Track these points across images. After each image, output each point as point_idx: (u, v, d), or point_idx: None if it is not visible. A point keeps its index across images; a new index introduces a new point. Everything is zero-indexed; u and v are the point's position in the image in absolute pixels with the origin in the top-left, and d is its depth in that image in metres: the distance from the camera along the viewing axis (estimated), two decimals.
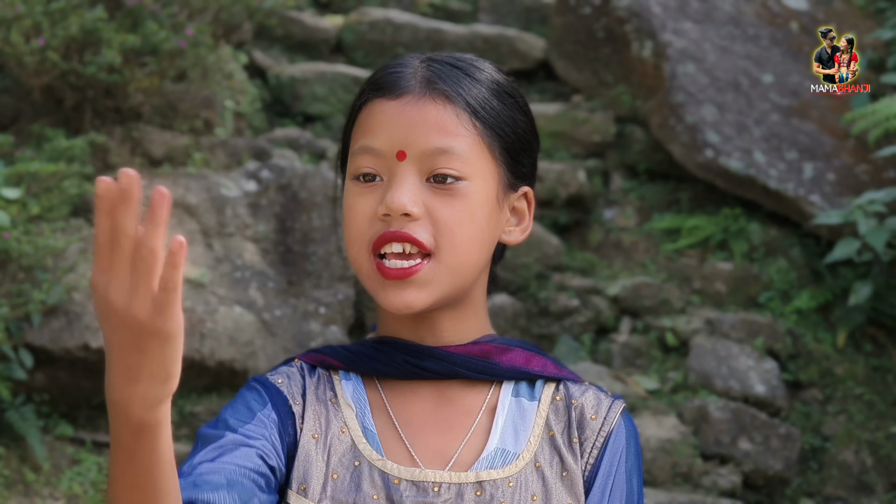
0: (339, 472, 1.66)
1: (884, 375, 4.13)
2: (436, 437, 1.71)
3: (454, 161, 1.67)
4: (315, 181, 4.09)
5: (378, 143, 1.68)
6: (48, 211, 3.65)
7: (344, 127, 1.79)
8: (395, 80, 1.71)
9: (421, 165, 1.66)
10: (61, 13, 3.80)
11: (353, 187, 1.71)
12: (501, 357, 1.77)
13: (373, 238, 1.67)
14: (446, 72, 1.72)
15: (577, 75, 5.02)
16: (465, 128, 1.68)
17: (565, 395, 1.75)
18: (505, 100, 1.75)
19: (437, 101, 1.68)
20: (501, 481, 1.66)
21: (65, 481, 3.47)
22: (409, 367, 1.74)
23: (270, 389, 1.71)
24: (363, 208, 1.69)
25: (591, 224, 4.70)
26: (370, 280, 1.69)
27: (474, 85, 1.72)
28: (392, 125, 1.68)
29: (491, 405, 1.74)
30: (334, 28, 5.33)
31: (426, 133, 1.66)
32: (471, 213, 1.68)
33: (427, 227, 1.66)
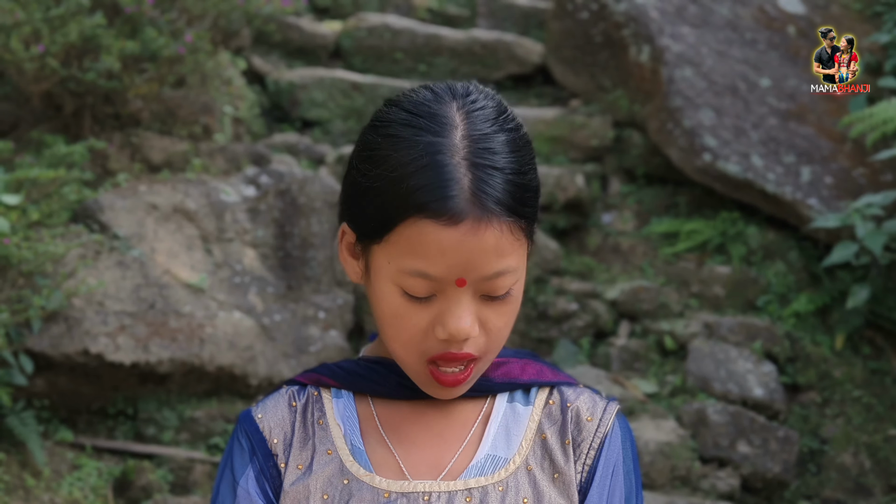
0: (329, 493, 1.68)
1: (882, 378, 4.14)
2: (430, 450, 1.72)
3: (510, 278, 1.66)
4: (314, 186, 4.10)
5: (436, 272, 1.62)
6: (48, 217, 3.66)
7: (365, 206, 1.68)
8: (446, 205, 1.60)
9: (477, 287, 1.65)
10: (60, 20, 3.81)
11: (398, 295, 1.67)
12: (496, 372, 1.79)
13: (429, 352, 1.67)
14: (488, 179, 1.62)
15: (575, 80, 5.03)
16: (517, 239, 1.65)
17: (559, 399, 1.77)
18: (531, 175, 1.69)
19: (493, 224, 1.61)
20: (491, 487, 1.68)
21: (65, 486, 3.47)
22: (405, 391, 1.76)
23: (253, 437, 1.76)
24: (416, 321, 1.66)
25: (590, 228, 4.71)
26: (418, 377, 1.71)
27: (512, 179, 1.65)
28: (451, 255, 1.61)
29: (486, 414, 1.76)
30: (333, 33, 5.33)
31: (486, 260, 1.62)
32: (515, 307, 1.70)
33: (479, 339, 1.68)
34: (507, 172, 1.64)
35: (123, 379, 3.72)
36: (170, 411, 3.78)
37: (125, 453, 3.70)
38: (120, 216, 3.82)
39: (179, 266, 3.83)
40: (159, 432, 3.75)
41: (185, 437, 3.75)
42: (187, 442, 3.75)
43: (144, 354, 3.65)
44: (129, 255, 3.75)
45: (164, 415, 3.77)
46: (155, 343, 3.67)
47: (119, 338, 3.63)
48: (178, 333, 3.71)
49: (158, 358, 3.66)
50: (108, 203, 3.83)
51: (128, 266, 3.74)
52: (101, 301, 3.65)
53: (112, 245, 3.76)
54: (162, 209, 3.89)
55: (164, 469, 3.66)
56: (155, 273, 3.76)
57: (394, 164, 1.63)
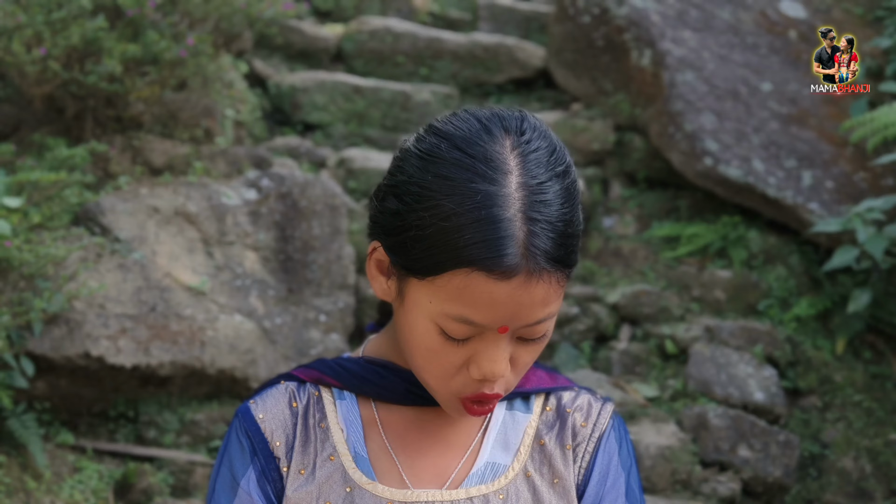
0: (332, 500, 1.68)
1: (882, 382, 4.14)
2: (434, 458, 1.73)
3: (549, 323, 1.66)
4: (315, 189, 4.10)
5: (482, 320, 1.61)
6: (49, 220, 3.66)
7: (406, 233, 1.63)
8: (503, 263, 1.58)
9: (517, 332, 1.64)
10: (62, 23, 3.82)
11: (436, 335, 1.65)
12: None
13: (464, 390, 1.67)
14: (540, 232, 1.60)
15: (577, 84, 5.04)
16: (561, 287, 1.65)
17: (556, 404, 1.78)
18: (577, 224, 1.67)
19: (543, 277, 1.60)
20: (492, 495, 1.68)
21: (66, 489, 3.47)
22: (414, 397, 1.75)
23: (254, 437, 1.74)
24: (451, 359, 1.66)
25: (591, 232, 4.71)
26: (447, 405, 1.70)
27: (563, 230, 1.62)
28: (500, 307, 1.60)
29: (488, 421, 1.76)
30: (334, 37, 5.34)
31: (532, 311, 1.62)
32: (545, 343, 1.70)
33: (510, 376, 1.68)
34: (559, 225, 1.62)
35: (124, 382, 3.72)
36: (170, 414, 3.78)
37: (126, 456, 3.70)
38: (121, 219, 3.82)
39: (180, 269, 3.83)
40: (160, 435, 3.75)
41: (186, 439, 3.75)
42: (188, 445, 3.75)
43: (145, 357, 3.65)
44: (130, 257, 3.76)
45: (165, 417, 3.77)
46: (156, 346, 3.67)
47: (120, 340, 3.63)
48: (178, 336, 3.71)
49: (159, 361, 3.66)
50: (110, 206, 3.84)
51: (129, 269, 3.74)
52: (102, 304, 3.65)
53: (113, 248, 3.76)
54: (163, 212, 3.89)
55: (165, 472, 3.66)
56: (156, 276, 3.77)
57: (447, 213, 1.59)
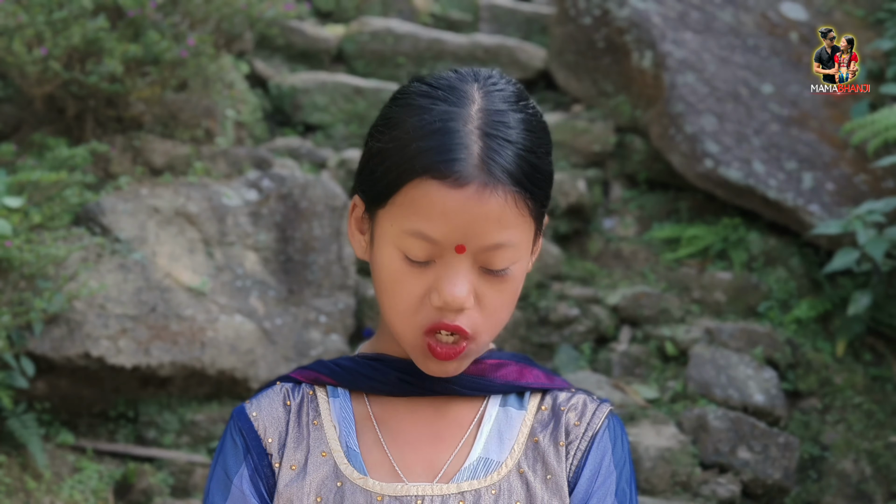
0: (323, 495, 1.69)
1: (883, 385, 4.14)
2: (426, 451, 1.73)
3: (510, 252, 1.66)
4: (316, 190, 4.10)
5: (437, 234, 1.63)
6: (50, 220, 3.66)
7: (374, 171, 1.70)
8: (453, 168, 1.62)
9: (476, 257, 1.65)
10: (63, 23, 3.82)
11: (398, 259, 1.67)
12: (496, 373, 1.79)
13: (424, 323, 1.67)
14: (499, 149, 1.64)
15: (578, 85, 5.04)
16: (521, 214, 1.66)
17: (552, 403, 1.78)
18: (545, 158, 1.70)
19: (498, 192, 1.62)
20: (484, 490, 1.68)
21: (66, 489, 3.47)
22: (405, 386, 1.76)
23: (247, 435, 1.75)
24: (413, 288, 1.67)
25: (591, 233, 4.71)
26: (414, 350, 1.71)
27: (525, 157, 1.66)
28: (453, 218, 1.62)
29: (481, 416, 1.77)
30: (335, 38, 5.34)
31: (487, 229, 1.63)
32: (515, 290, 1.70)
33: (474, 314, 1.68)
34: (519, 147, 1.66)
35: (124, 382, 3.72)
36: (171, 414, 3.78)
37: (126, 456, 3.70)
38: (121, 219, 3.82)
39: (181, 269, 3.83)
40: (160, 435, 3.75)
41: (186, 440, 3.76)
42: (188, 445, 3.75)
43: (145, 358, 3.65)
44: (130, 258, 3.76)
45: (165, 418, 3.77)
46: (156, 346, 3.67)
47: (120, 341, 3.63)
48: (179, 337, 3.71)
49: (159, 361, 3.67)
50: (110, 206, 3.84)
51: (129, 269, 3.74)
52: (102, 304, 3.65)
53: (113, 248, 3.76)
54: (163, 212, 3.89)
55: (165, 472, 3.66)
56: (156, 276, 3.77)
57: (406, 129, 1.65)
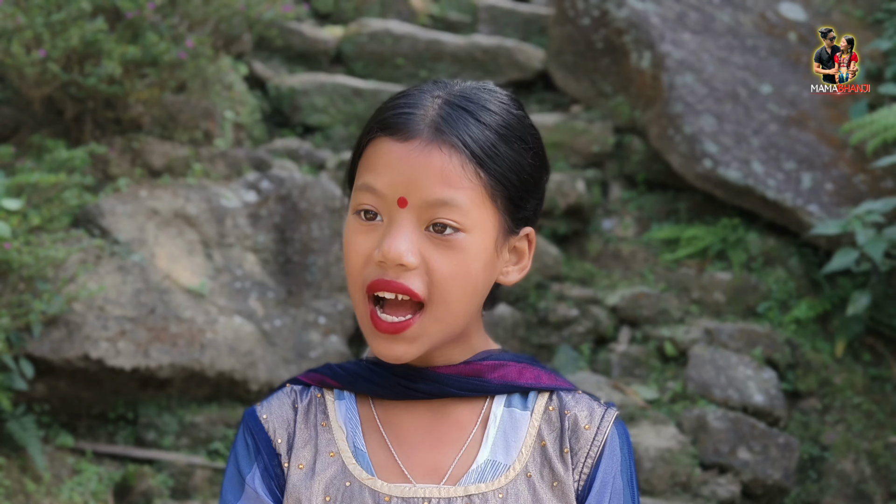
0: (331, 494, 1.69)
1: (882, 385, 4.14)
2: (430, 453, 1.72)
3: (454, 213, 1.65)
4: (315, 191, 4.10)
5: (380, 185, 1.66)
6: (49, 222, 3.66)
7: (352, 155, 1.77)
8: (405, 123, 1.67)
9: (421, 214, 1.65)
10: (62, 25, 3.82)
11: (353, 222, 1.70)
12: (493, 374, 1.78)
13: (367, 281, 1.67)
14: (456, 116, 1.68)
15: (576, 86, 5.04)
16: (469, 179, 1.66)
17: (558, 405, 1.76)
18: (513, 144, 1.71)
19: (444, 149, 1.65)
20: (491, 494, 1.68)
21: (65, 491, 3.47)
22: (402, 389, 1.75)
23: (257, 435, 1.76)
24: (361, 247, 1.68)
25: (590, 234, 4.71)
26: (364, 324, 1.70)
27: (483, 131, 1.68)
28: (396, 169, 1.65)
29: (485, 418, 1.75)
30: (334, 39, 5.34)
31: (429, 183, 1.64)
32: (467, 265, 1.68)
33: (422, 277, 1.66)
34: (481, 122, 1.69)
35: (124, 384, 3.72)
36: (170, 416, 3.78)
37: (125, 458, 3.70)
38: (121, 221, 3.82)
39: (180, 271, 3.83)
40: (160, 437, 3.75)
41: (186, 441, 3.75)
42: (187, 447, 3.75)
43: (145, 359, 3.65)
44: (129, 259, 3.76)
45: (165, 420, 3.77)
46: (155, 348, 3.67)
47: (119, 343, 3.63)
48: (178, 338, 3.71)
49: (159, 363, 3.66)
50: (109, 208, 3.83)
51: (128, 271, 3.74)
52: (101, 306, 3.65)
53: (113, 250, 3.76)
54: (162, 214, 3.89)
55: (165, 474, 3.66)
56: (155, 278, 3.77)
57: (377, 109, 1.74)
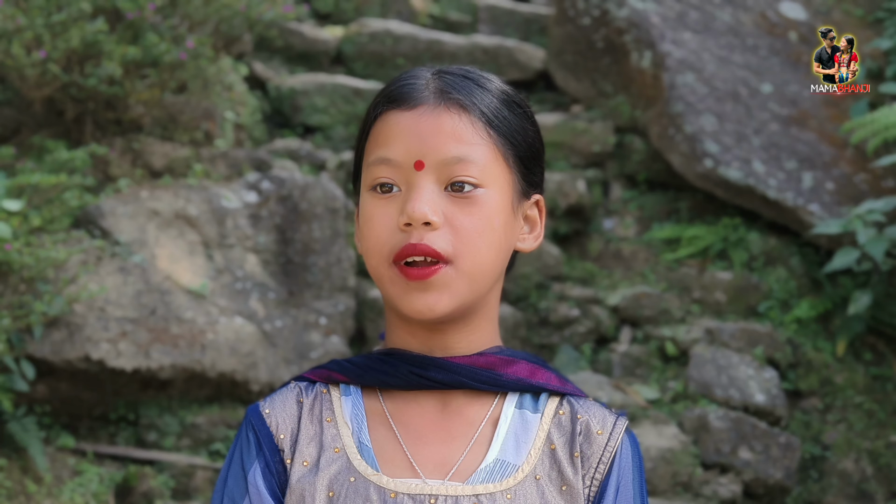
0: (335, 490, 1.68)
1: (883, 384, 4.14)
2: (438, 447, 1.72)
3: (471, 168, 1.69)
4: (315, 192, 4.10)
5: (395, 154, 1.69)
6: (49, 223, 3.66)
7: (357, 141, 1.80)
8: (409, 92, 1.73)
9: (439, 174, 1.68)
10: (62, 25, 3.82)
11: (370, 198, 1.72)
12: (506, 369, 1.78)
13: (394, 249, 1.69)
14: (458, 82, 1.74)
15: (577, 85, 5.04)
16: (480, 136, 1.71)
17: (569, 410, 1.76)
18: (514, 109, 1.77)
19: (452, 110, 1.70)
20: (499, 494, 1.67)
21: (66, 492, 3.47)
22: (414, 378, 1.75)
23: (260, 431, 1.76)
24: (382, 219, 1.70)
25: (591, 234, 4.71)
26: (393, 286, 1.71)
27: (485, 95, 1.74)
28: (408, 136, 1.69)
29: (494, 416, 1.75)
30: (334, 39, 5.34)
31: (443, 142, 1.69)
32: (489, 219, 1.71)
33: (447, 236, 1.68)
34: (482, 87, 1.76)
35: (125, 385, 3.72)
36: (171, 417, 3.78)
37: (127, 459, 3.70)
38: (121, 222, 3.82)
39: (181, 272, 3.83)
40: (161, 438, 3.75)
41: (187, 442, 3.75)
42: (189, 448, 3.75)
43: (146, 360, 3.65)
44: (130, 260, 3.76)
45: (166, 421, 3.77)
46: (156, 349, 3.67)
47: (120, 344, 3.63)
48: (179, 339, 3.71)
49: (160, 364, 3.66)
50: (110, 209, 3.83)
51: (129, 272, 3.74)
52: (102, 307, 3.65)
53: (113, 251, 3.76)
54: (163, 215, 3.89)
55: (166, 475, 3.66)
56: (156, 279, 3.77)
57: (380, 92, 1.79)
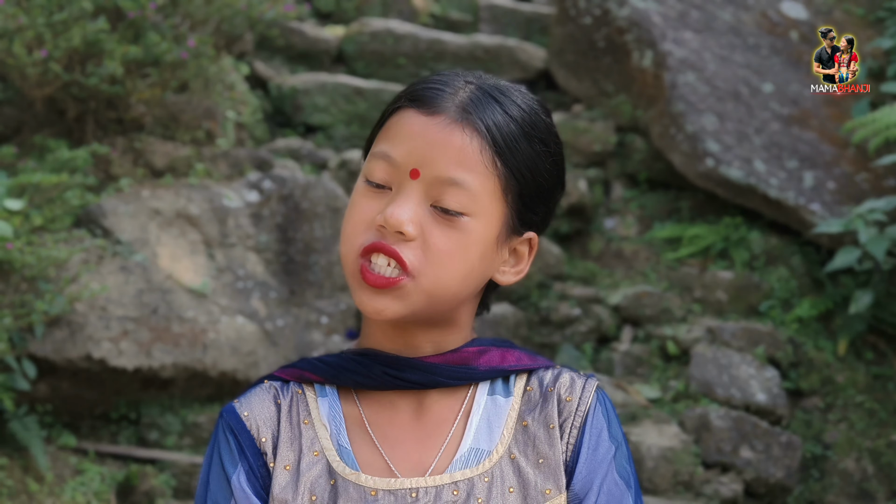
0: (317, 493, 1.68)
1: (884, 383, 4.13)
2: (415, 447, 1.72)
3: (462, 196, 1.66)
4: (316, 191, 4.10)
5: (396, 153, 1.67)
6: (51, 222, 3.66)
7: (376, 123, 1.77)
8: (433, 97, 1.68)
9: (429, 189, 1.66)
10: (63, 25, 3.82)
11: (362, 187, 1.71)
12: (479, 361, 1.78)
13: (364, 243, 1.68)
14: (485, 102, 1.69)
15: (578, 85, 5.04)
16: (484, 165, 1.66)
17: (537, 384, 1.76)
18: (535, 145, 1.71)
19: (466, 130, 1.66)
20: (477, 478, 1.68)
21: (68, 491, 3.47)
22: (389, 379, 1.75)
23: (240, 435, 1.74)
24: (365, 212, 1.69)
25: (592, 233, 4.71)
26: (352, 279, 1.70)
27: (508, 122, 1.69)
28: (415, 140, 1.66)
29: (468, 409, 1.75)
30: (335, 39, 5.34)
31: (445, 160, 1.65)
32: (464, 247, 1.68)
33: (416, 250, 1.66)
34: (508, 113, 1.70)
35: (126, 384, 3.72)
36: (172, 416, 3.78)
37: (128, 458, 3.70)
38: (123, 221, 3.82)
39: (182, 271, 3.83)
40: (162, 437, 3.75)
41: (188, 441, 3.76)
42: (190, 447, 3.75)
43: (147, 359, 3.65)
44: (131, 260, 3.76)
45: (167, 420, 3.77)
46: (158, 348, 3.67)
47: (122, 343, 3.63)
48: (180, 338, 3.71)
49: (161, 363, 3.67)
50: (111, 208, 3.84)
51: (130, 271, 3.74)
52: (103, 306, 3.65)
53: (115, 250, 3.76)
54: (165, 214, 3.89)
55: (167, 474, 3.66)
56: (158, 278, 3.77)
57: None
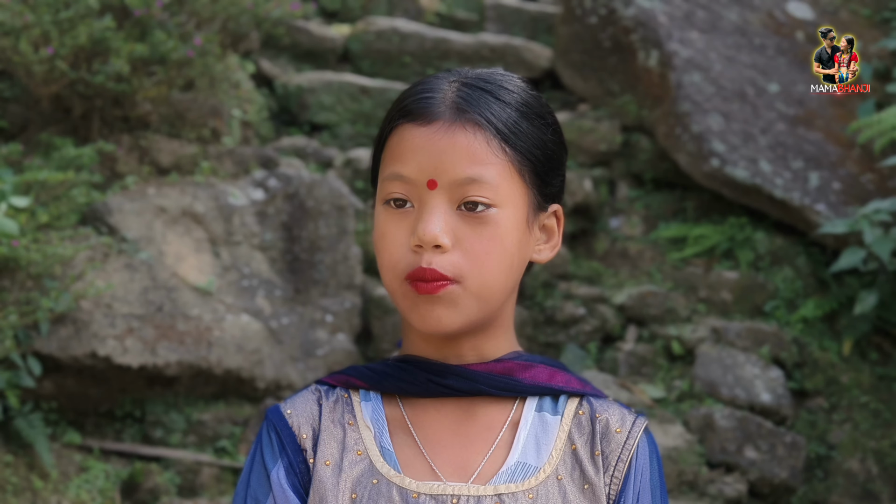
0: (358, 492, 1.68)
1: (889, 384, 4.13)
2: (458, 452, 1.72)
3: (484, 189, 1.67)
4: (322, 190, 4.11)
5: (408, 171, 1.67)
6: (56, 219, 3.66)
7: (373, 149, 1.78)
8: (425, 107, 1.69)
9: (451, 194, 1.66)
10: (70, 22, 3.82)
11: (383, 213, 1.71)
12: (524, 374, 1.78)
13: (406, 270, 1.68)
14: (476, 96, 1.70)
15: (584, 84, 5.04)
16: (495, 155, 1.67)
17: (589, 409, 1.76)
18: (534, 121, 1.73)
19: (468, 128, 1.67)
20: (521, 494, 1.67)
21: (72, 489, 3.48)
22: (433, 386, 1.75)
23: (282, 432, 1.75)
24: (395, 236, 1.69)
25: (598, 233, 4.71)
26: (405, 300, 1.70)
27: (504, 108, 1.70)
28: (422, 153, 1.66)
29: (514, 420, 1.75)
30: (341, 37, 5.34)
31: (456, 162, 1.66)
32: (500, 240, 1.69)
33: (456, 259, 1.67)
34: (500, 99, 1.71)
35: (131, 381, 3.73)
36: (177, 414, 3.78)
37: (133, 456, 3.71)
38: (128, 219, 3.83)
39: (187, 269, 3.84)
40: (167, 435, 3.76)
41: (193, 439, 3.76)
42: (195, 444, 3.75)
43: (152, 357, 3.65)
44: (137, 257, 3.76)
45: (172, 417, 3.77)
46: (163, 346, 3.67)
47: (127, 340, 3.63)
48: (185, 336, 3.71)
49: (166, 361, 3.67)
50: (117, 206, 3.84)
51: (136, 269, 3.74)
52: (109, 303, 3.65)
53: (120, 248, 3.77)
54: (170, 212, 3.90)
55: (172, 472, 3.66)
56: (163, 276, 3.77)
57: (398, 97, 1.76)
